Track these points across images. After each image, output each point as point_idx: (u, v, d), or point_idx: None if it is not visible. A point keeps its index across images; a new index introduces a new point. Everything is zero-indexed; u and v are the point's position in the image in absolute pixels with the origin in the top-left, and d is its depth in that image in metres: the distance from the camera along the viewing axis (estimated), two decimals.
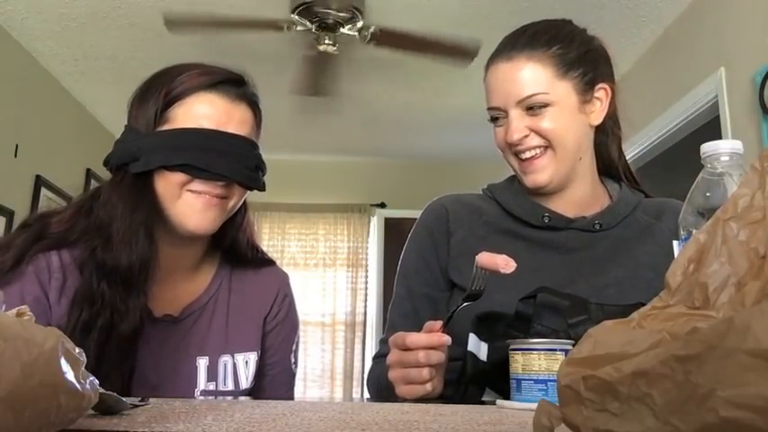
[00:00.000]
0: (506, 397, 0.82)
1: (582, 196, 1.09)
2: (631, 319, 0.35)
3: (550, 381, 0.77)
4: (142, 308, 0.91)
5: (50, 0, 3.11)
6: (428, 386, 0.85)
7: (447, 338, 0.85)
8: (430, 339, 0.84)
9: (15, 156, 3.54)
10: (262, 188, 1.02)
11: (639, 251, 1.05)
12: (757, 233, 0.33)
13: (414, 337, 0.84)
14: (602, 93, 1.05)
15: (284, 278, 1.18)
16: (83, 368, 0.42)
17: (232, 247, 1.09)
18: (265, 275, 1.14)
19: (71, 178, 1.06)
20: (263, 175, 1.03)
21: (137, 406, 0.58)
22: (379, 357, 1.06)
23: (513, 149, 1.04)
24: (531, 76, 1.00)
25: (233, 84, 1.00)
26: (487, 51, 1.11)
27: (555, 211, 1.07)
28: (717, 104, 2.73)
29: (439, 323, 0.86)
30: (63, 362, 0.39)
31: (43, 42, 3.52)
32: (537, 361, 0.79)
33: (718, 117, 2.71)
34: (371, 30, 3.05)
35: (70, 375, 0.40)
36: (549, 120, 1.00)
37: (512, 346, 0.83)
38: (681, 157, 2.81)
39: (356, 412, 0.63)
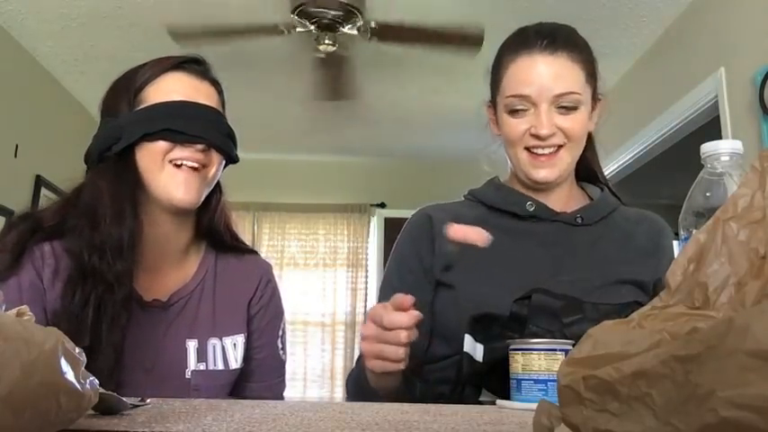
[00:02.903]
0: (503, 397, 0.83)
1: (567, 194, 1.12)
2: (631, 319, 0.35)
3: (550, 381, 0.77)
4: (132, 277, 0.96)
5: (50, 0, 3.12)
6: (401, 365, 0.85)
7: (421, 315, 0.85)
8: (410, 320, 0.84)
9: (15, 156, 3.54)
10: (235, 159, 1.08)
11: (616, 255, 1.06)
12: (757, 233, 0.33)
13: (395, 317, 0.84)
14: (599, 104, 1.10)
15: (267, 266, 1.23)
16: (83, 368, 0.42)
17: (210, 229, 1.13)
18: (248, 263, 1.19)
19: (71, 178, 1.06)
20: (236, 148, 1.08)
21: (137, 406, 0.58)
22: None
23: (531, 143, 1.04)
24: (571, 75, 1.03)
25: (195, 63, 1.08)
26: (489, 49, 1.11)
27: (541, 202, 1.09)
28: (717, 104, 2.72)
29: (409, 298, 0.84)
30: (63, 362, 0.39)
31: (43, 42, 3.52)
32: (537, 361, 0.79)
33: (718, 117, 2.71)
34: (371, 25, 3.04)
35: (70, 375, 0.40)
36: (576, 121, 1.03)
37: (512, 347, 0.83)
38: (681, 157, 2.81)
39: (356, 412, 0.63)
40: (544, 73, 1.02)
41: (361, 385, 0.97)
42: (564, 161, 1.05)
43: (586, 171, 1.17)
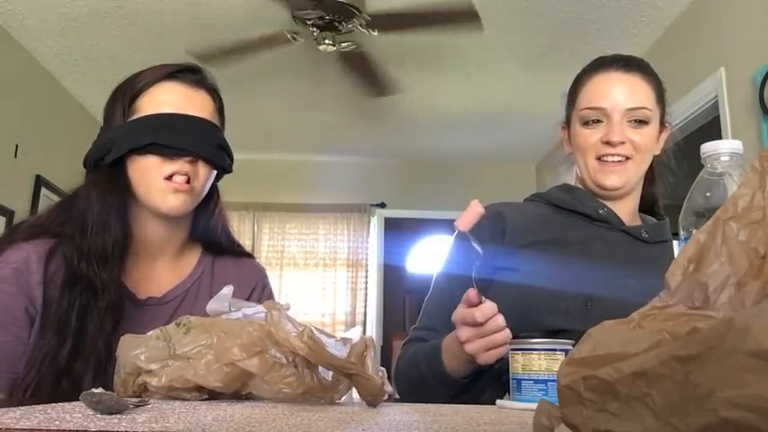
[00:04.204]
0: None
1: (630, 210, 1.18)
2: (631, 319, 0.35)
3: (550, 381, 0.77)
4: (119, 285, 0.98)
5: (50, 0, 3.12)
6: (507, 346, 0.89)
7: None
8: (493, 308, 0.89)
9: (15, 156, 3.54)
10: (228, 169, 1.10)
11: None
12: (757, 233, 0.33)
13: (485, 309, 0.89)
14: (665, 131, 1.19)
15: (263, 271, 1.24)
16: None
17: (206, 232, 1.14)
18: (245, 266, 1.20)
19: (71, 178, 1.07)
20: (230, 159, 1.09)
21: (137, 406, 0.59)
22: (413, 341, 1.12)
23: (602, 151, 1.11)
24: (644, 92, 1.12)
25: (190, 72, 1.08)
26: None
27: (611, 209, 1.15)
28: (717, 104, 2.72)
29: (474, 292, 0.89)
30: None
31: (43, 42, 3.52)
32: (537, 361, 0.79)
33: (718, 117, 2.71)
34: (368, 19, 3.05)
35: None
36: (645, 135, 1.12)
37: (512, 347, 0.83)
38: (681, 157, 2.81)
39: (356, 412, 0.63)
40: (618, 88, 1.11)
41: (426, 380, 1.01)
42: (630, 171, 1.12)
43: (646, 204, 1.23)
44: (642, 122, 1.11)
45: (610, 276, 1.04)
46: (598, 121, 1.12)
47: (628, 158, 1.11)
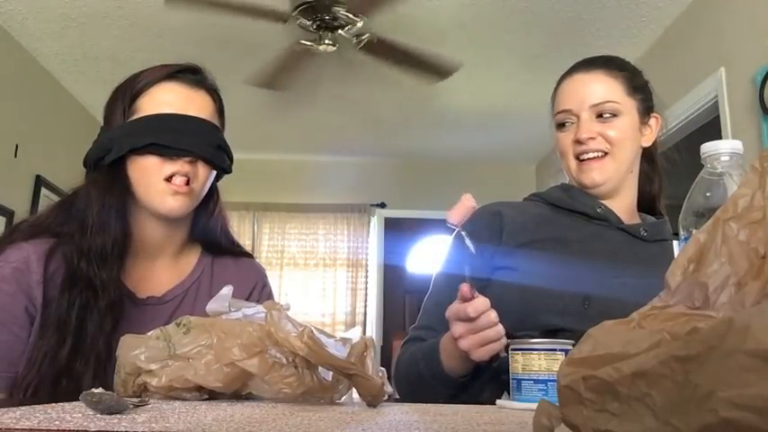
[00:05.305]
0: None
1: (627, 207, 1.18)
2: (631, 319, 0.35)
3: (550, 381, 0.77)
4: (118, 284, 0.98)
5: (50, 0, 3.12)
6: (503, 340, 0.90)
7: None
8: (486, 303, 0.89)
9: (15, 156, 3.54)
10: (228, 170, 1.10)
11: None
12: (757, 233, 0.33)
13: (478, 305, 0.89)
14: (653, 121, 1.19)
15: (263, 271, 1.24)
16: None
17: (206, 232, 1.15)
18: (245, 265, 1.21)
19: (71, 178, 1.07)
20: (230, 159, 1.10)
21: (137, 406, 0.58)
22: (412, 341, 1.12)
23: (577, 150, 1.13)
24: (607, 86, 1.14)
25: (190, 72, 1.09)
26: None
27: (608, 207, 1.15)
28: (717, 104, 2.73)
29: (466, 286, 0.89)
30: None
31: (43, 42, 3.52)
32: (537, 361, 0.79)
33: (718, 117, 2.71)
34: (366, 36, 3.08)
35: None
36: (616, 128, 1.12)
37: (512, 347, 0.83)
38: (681, 157, 2.81)
39: (356, 412, 0.63)
40: (581, 87, 1.15)
41: (425, 379, 1.01)
42: (610, 166, 1.13)
43: (645, 199, 1.23)
44: (612, 116, 1.12)
45: (608, 275, 1.05)
46: (570, 123, 1.15)
47: (605, 154, 1.12)
